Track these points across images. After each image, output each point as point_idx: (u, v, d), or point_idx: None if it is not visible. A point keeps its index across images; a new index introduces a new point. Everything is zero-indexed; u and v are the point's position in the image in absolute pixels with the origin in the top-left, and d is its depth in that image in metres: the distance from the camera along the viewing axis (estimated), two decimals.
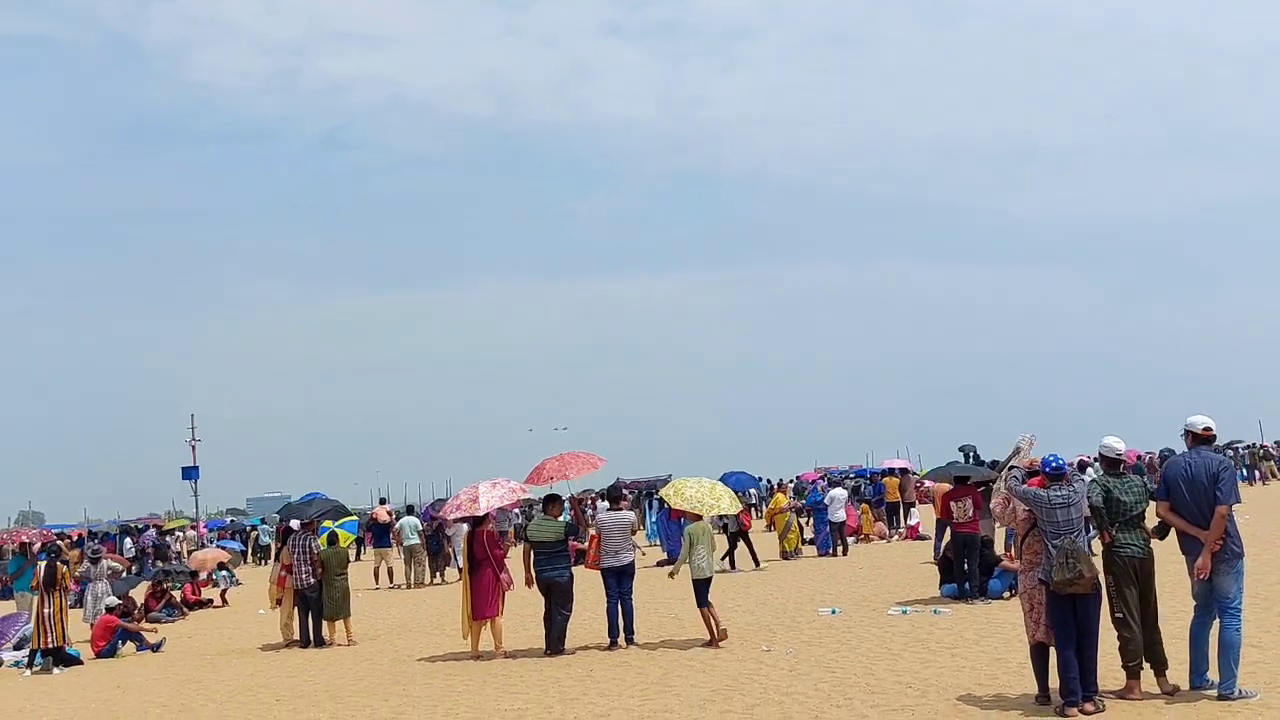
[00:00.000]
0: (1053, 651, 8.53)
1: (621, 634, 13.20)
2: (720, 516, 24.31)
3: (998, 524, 15.20)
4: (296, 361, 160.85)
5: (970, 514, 15.50)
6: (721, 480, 26.86)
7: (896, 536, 29.24)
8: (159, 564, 30.28)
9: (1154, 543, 8.71)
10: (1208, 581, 8.29)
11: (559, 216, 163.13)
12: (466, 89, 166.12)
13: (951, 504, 15.83)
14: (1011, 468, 9.22)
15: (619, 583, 13.35)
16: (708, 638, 12.80)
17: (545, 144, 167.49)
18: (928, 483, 29.75)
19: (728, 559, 22.76)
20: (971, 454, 50.69)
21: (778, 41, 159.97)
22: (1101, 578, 8.45)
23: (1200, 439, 8.58)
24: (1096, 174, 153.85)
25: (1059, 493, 8.52)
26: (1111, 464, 8.97)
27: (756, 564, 22.74)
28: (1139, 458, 40.20)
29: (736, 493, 24.15)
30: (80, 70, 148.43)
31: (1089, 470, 20.36)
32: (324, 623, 15.78)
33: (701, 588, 12.88)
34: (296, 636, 16.08)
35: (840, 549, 24.94)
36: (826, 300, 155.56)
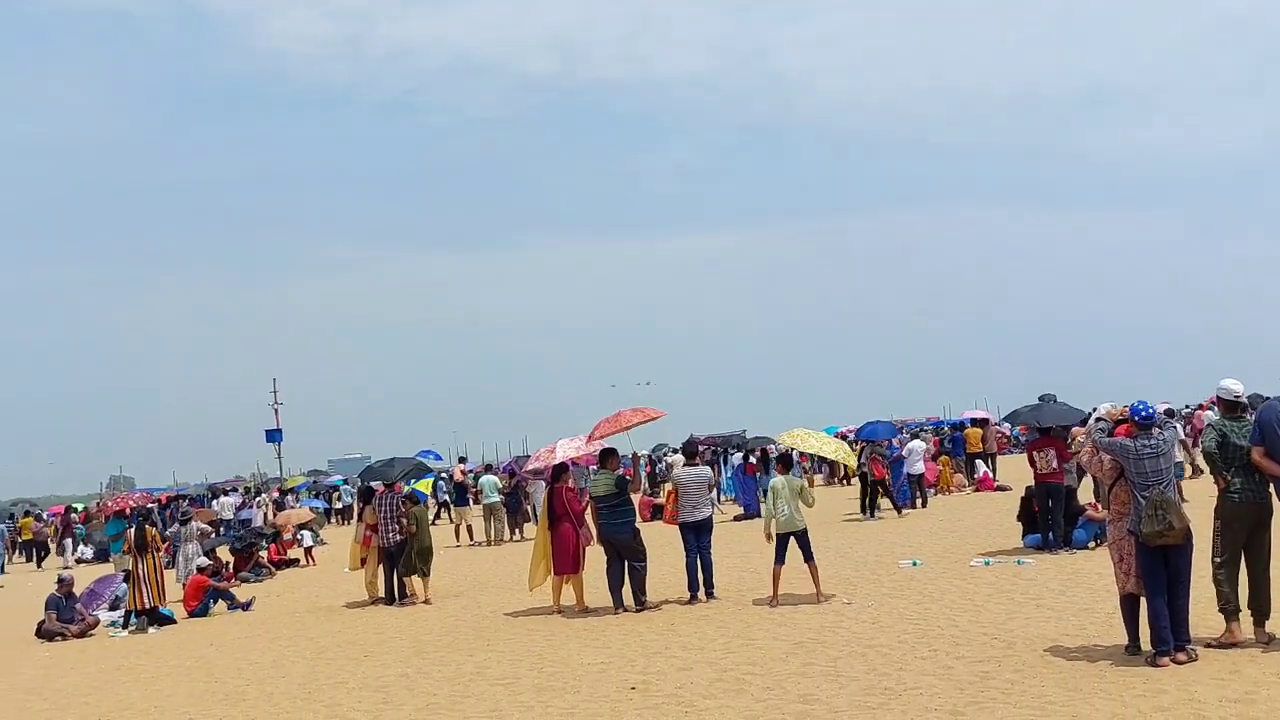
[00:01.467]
0: (1143, 601, 8.37)
1: (701, 588, 13.23)
2: (859, 465, 24.52)
3: (1086, 472, 14.95)
4: (374, 323, 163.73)
5: (1054, 465, 15.22)
6: (862, 430, 27.16)
7: (970, 487, 28.91)
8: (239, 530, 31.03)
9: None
10: None
11: (629, 173, 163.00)
12: (531, 48, 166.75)
13: (1034, 453, 15.56)
14: (1098, 419, 9.02)
15: (697, 537, 13.37)
16: (811, 590, 12.64)
17: (610, 101, 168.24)
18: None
19: (867, 509, 23.36)
20: (1053, 401, 49.78)
21: None
22: (1210, 523, 8.26)
23: None
24: (1175, 113, 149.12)
25: (1147, 442, 8.31)
26: (1230, 406, 8.68)
27: (898, 510, 23.36)
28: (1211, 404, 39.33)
29: (878, 441, 24.59)
30: (154, 41, 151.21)
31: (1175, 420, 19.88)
32: (403, 579, 16.01)
33: (785, 542, 12.70)
34: (382, 594, 16.39)
35: (920, 501, 24.74)
36: (898, 251, 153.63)
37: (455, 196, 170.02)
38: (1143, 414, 8.63)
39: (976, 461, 30.00)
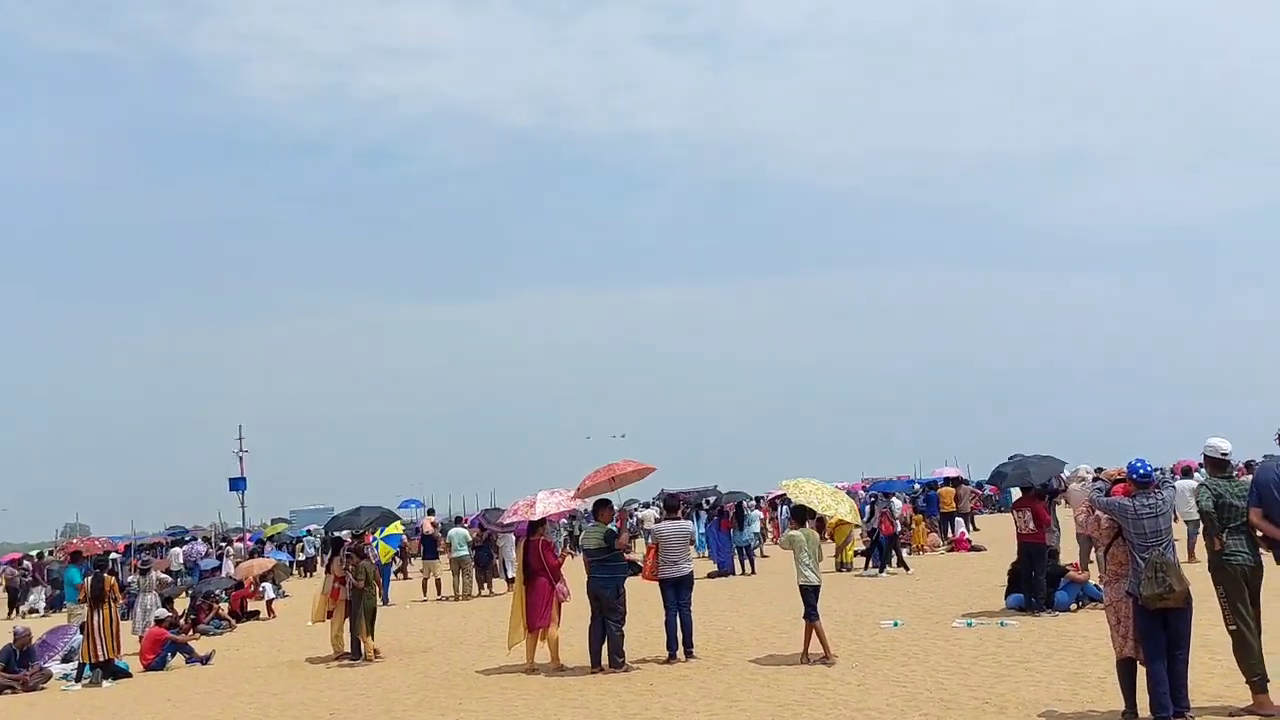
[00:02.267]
0: (1141, 666, 8.12)
1: (680, 646, 12.87)
2: (867, 521, 24.29)
3: (1079, 532, 14.73)
4: (344, 372, 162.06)
5: (1031, 525, 15.03)
6: (879, 488, 27.06)
7: (945, 546, 28.71)
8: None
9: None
10: None
11: (604, 226, 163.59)
12: (511, 101, 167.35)
13: (1014, 513, 15.38)
14: (1096, 479, 8.84)
15: (678, 594, 13.01)
16: (802, 650, 12.22)
17: (589, 154, 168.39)
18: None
19: (874, 564, 23.29)
20: (1020, 461, 49.54)
21: (820, 51, 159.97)
22: (1211, 587, 8.05)
23: None
24: (1140, 181, 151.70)
25: (1146, 502, 8.11)
26: (1218, 465, 8.51)
27: (905, 567, 23.11)
28: (1199, 466, 39.39)
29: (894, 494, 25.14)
30: (132, 87, 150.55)
31: (1196, 475, 19.71)
32: (357, 637, 15.44)
33: (810, 596, 12.25)
34: (348, 649, 15.88)
35: (897, 561, 24.46)
36: (872, 308, 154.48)
37: (432, 246, 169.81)
38: (1141, 472, 8.44)
39: (957, 520, 29.83)
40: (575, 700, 10.96)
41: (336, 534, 18.59)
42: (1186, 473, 21.83)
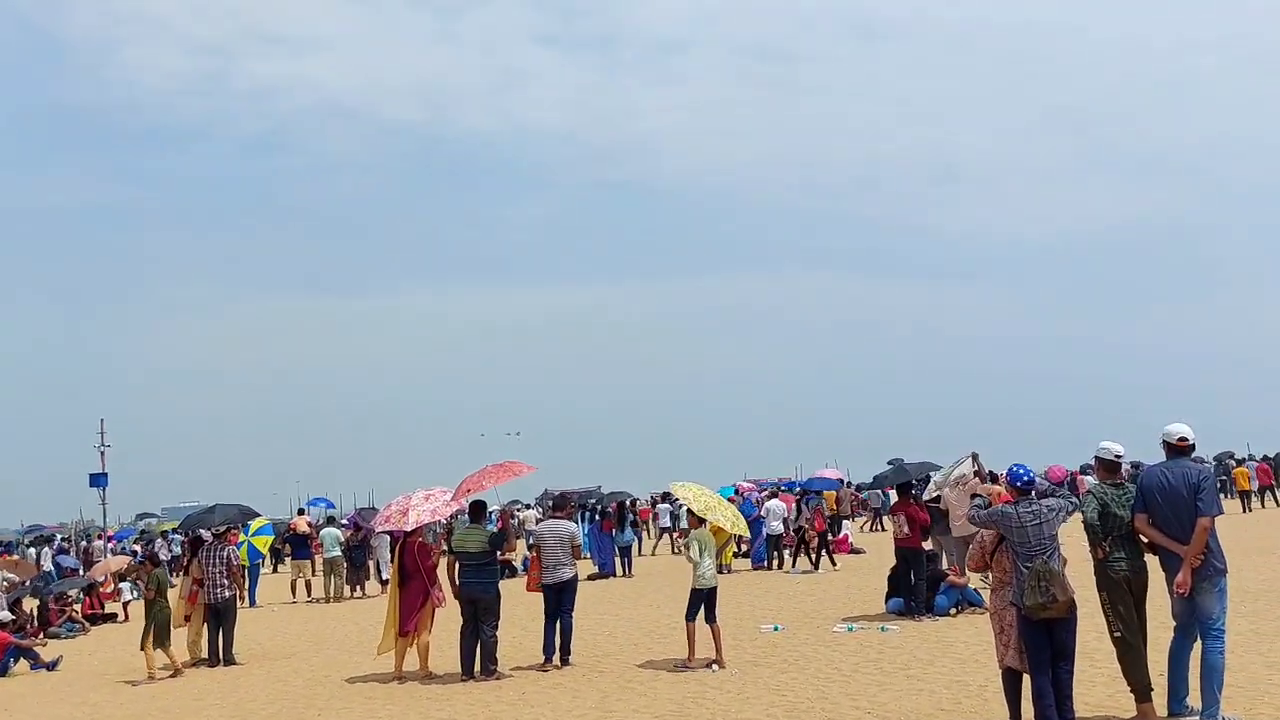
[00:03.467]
0: (1025, 677, 7.93)
1: (557, 654, 12.40)
2: (796, 519, 24.43)
3: (957, 535, 14.63)
4: (219, 367, 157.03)
5: (905, 529, 14.99)
6: (810, 482, 27.28)
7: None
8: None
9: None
10: (1188, 600, 7.74)
11: (490, 224, 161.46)
12: (397, 95, 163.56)
13: (890, 518, 15.33)
14: (974, 496, 8.64)
15: (558, 599, 12.53)
16: (711, 656, 11.76)
17: (477, 151, 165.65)
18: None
19: (810, 560, 23.46)
20: (900, 465, 50.24)
21: (708, 56, 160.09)
22: (1095, 595, 7.90)
23: (1177, 449, 8.03)
24: (1017, 193, 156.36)
25: (1028, 509, 7.91)
26: (1110, 468, 8.32)
27: (833, 564, 23.41)
28: (1064, 477, 40.33)
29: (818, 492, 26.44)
30: (2, 65, 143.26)
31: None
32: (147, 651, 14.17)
33: (703, 598, 11.89)
34: (205, 655, 15.03)
35: (776, 562, 24.41)
36: (754, 313, 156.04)
37: (312, 240, 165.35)
38: (1023, 479, 8.26)
39: (842, 521, 29.97)
40: (443, 710, 10.41)
41: (194, 533, 17.62)
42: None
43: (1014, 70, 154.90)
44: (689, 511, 12.85)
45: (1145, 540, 7.99)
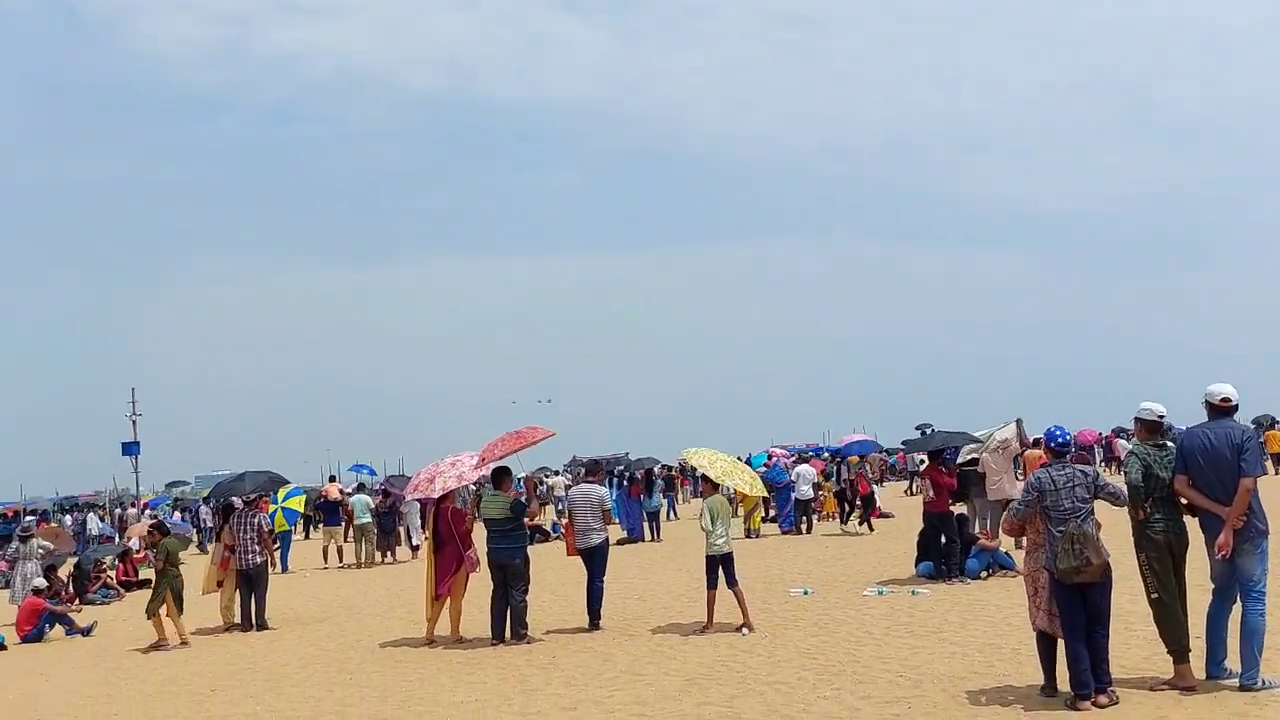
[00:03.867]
0: (1060, 640, 7.84)
1: (589, 616, 12.48)
2: (837, 478, 25.33)
3: (993, 499, 14.52)
4: (247, 338, 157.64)
5: (931, 493, 14.88)
6: (850, 447, 27.50)
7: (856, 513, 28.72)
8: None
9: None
10: (1229, 562, 7.60)
11: (516, 193, 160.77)
12: (419, 63, 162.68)
13: (920, 483, 15.24)
14: (1015, 459, 8.50)
15: (589, 564, 12.57)
16: (734, 622, 11.75)
17: (501, 119, 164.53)
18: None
19: (865, 523, 23.96)
20: (928, 431, 50.12)
21: (731, 21, 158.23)
22: (1133, 557, 7.79)
23: (1220, 410, 7.87)
24: (1048, 159, 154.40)
25: (1061, 472, 7.80)
26: (1152, 429, 8.16)
27: (870, 528, 23.55)
28: (1097, 440, 40.05)
29: (865, 457, 26.61)
30: (18, 37, 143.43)
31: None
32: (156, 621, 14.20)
33: (721, 564, 11.82)
34: (238, 620, 15.16)
35: (805, 527, 24.37)
36: (781, 278, 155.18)
37: (336, 210, 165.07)
38: (1058, 440, 8.15)
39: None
40: (473, 674, 10.42)
41: (226, 501, 17.70)
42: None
43: (1043, 34, 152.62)
44: (703, 478, 12.74)
45: (1185, 502, 7.85)
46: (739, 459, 13.83)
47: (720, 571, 11.82)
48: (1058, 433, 8.19)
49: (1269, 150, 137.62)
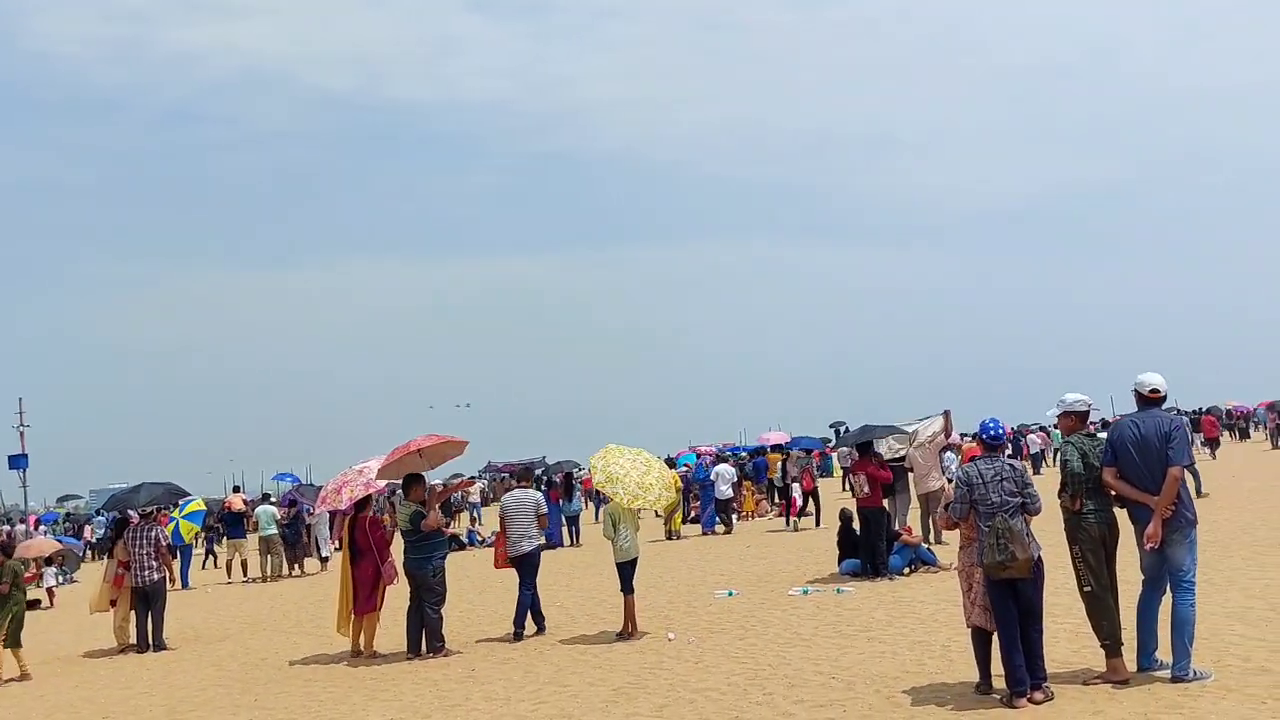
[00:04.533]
0: (995, 636, 7.64)
1: (513, 623, 12.18)
2: (782, 475, 24.68)
3: (920, 493, 14.39)
4: (145, 343, 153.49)
5: (866, 489, 14.66)
6: (792, 443, 26.91)
7: (774, 512, 28.67)
8: None
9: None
10: (1158, 553, 7.47)
11: (425, 195, 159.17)
12: (326, 62, 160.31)
13: (851, 478, 15.04)
14: (944, 451, 8.32)
15: (521, 572, 12.21)
16: (620, 627, 11.60)
17: (410, 121, 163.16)
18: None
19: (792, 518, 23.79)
20: (842, 429, 50.53)
21: (646, 23, 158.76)
22: (1067, 549, 7.63)
23: (1148, 400, 7.76)
24: (955, 159, 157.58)
25: (991, 465, 7.63)
26: (1082, 419, 8.06)
27: (817, 523, 23.09)
28: (1009, 435, 40.70)
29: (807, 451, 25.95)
30: None
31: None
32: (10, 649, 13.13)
33: (626, 570, 11.62)
34: (133, 641, 14.38)
35: (726, 527, 24.17)
36: (696, 279, 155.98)
37: (239, 213, 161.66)
38: (991, 433, 7.98)
39: (792, 485, 29.75)
40: (388, 691, 9.92)
41: (119, 514, 16.87)
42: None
43: (952, 39, 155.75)
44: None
45: (1113, 493, 7.71)
46: (663, 458, 13.43)
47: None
48: (991, 425, 8.02)
49: (1163, 147, 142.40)
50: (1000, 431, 8.04)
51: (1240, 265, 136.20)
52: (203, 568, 28.54)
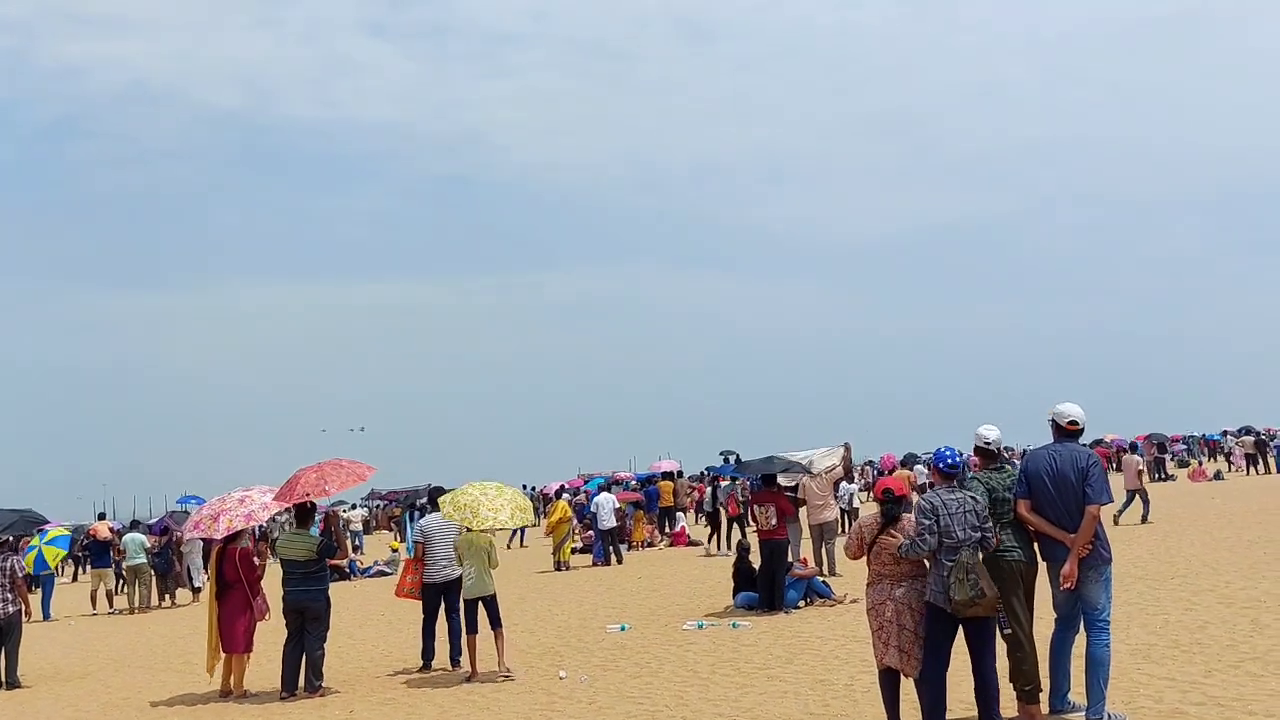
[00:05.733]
0: (905, 678, 7.35)
1: (452, 654, 11.73)
2: (712, 501, 24.50)
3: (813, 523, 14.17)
4: (16, 366, 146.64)
5: (774, 521, 14.35)
6: (721, 471, 26.24)
7: (665, 542, 28.37)
8: None
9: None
10: (1073, 591, 7.27)
11: (316, 217, 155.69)
12: (214, 80, 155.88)
13: (755, 508, 14.73)
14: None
15: (447, 598, 11.66)
16: (484, 667, 11.07)
17: (302, 142, 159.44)
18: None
19: (721, 543, 23.52)
20: (734, 459, 50.60)
21: (543, 50, 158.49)
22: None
23: (1065, 431, 7.56)
24: (843, 191, 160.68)
25: (953, 495, 7.26)
26: (988, 456, 7.81)
27: (731, 548, 21.93)
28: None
29: (733, 479, 24.86)
30: None
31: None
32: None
33: (473, 608, 11.09)
34: (2, 677, 13.31)
35: (615, 558, 23.74)
36: (586, 308, 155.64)
37: (122, 231, 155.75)
38: (948, 462, 7.58)
39: (676, 514, 29.48)
40: None
41: None
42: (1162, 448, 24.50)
43: (838, 72, 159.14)
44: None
45: (1031, 529, 7.49)
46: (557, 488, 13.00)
47: (483, 613, 11.04)
48: (948, 454, 7.60)
49: (1040, 184, 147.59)
50: (957, 460, 7.68)
51: (1121, 297, 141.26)
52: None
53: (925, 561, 7.31)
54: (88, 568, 28.22)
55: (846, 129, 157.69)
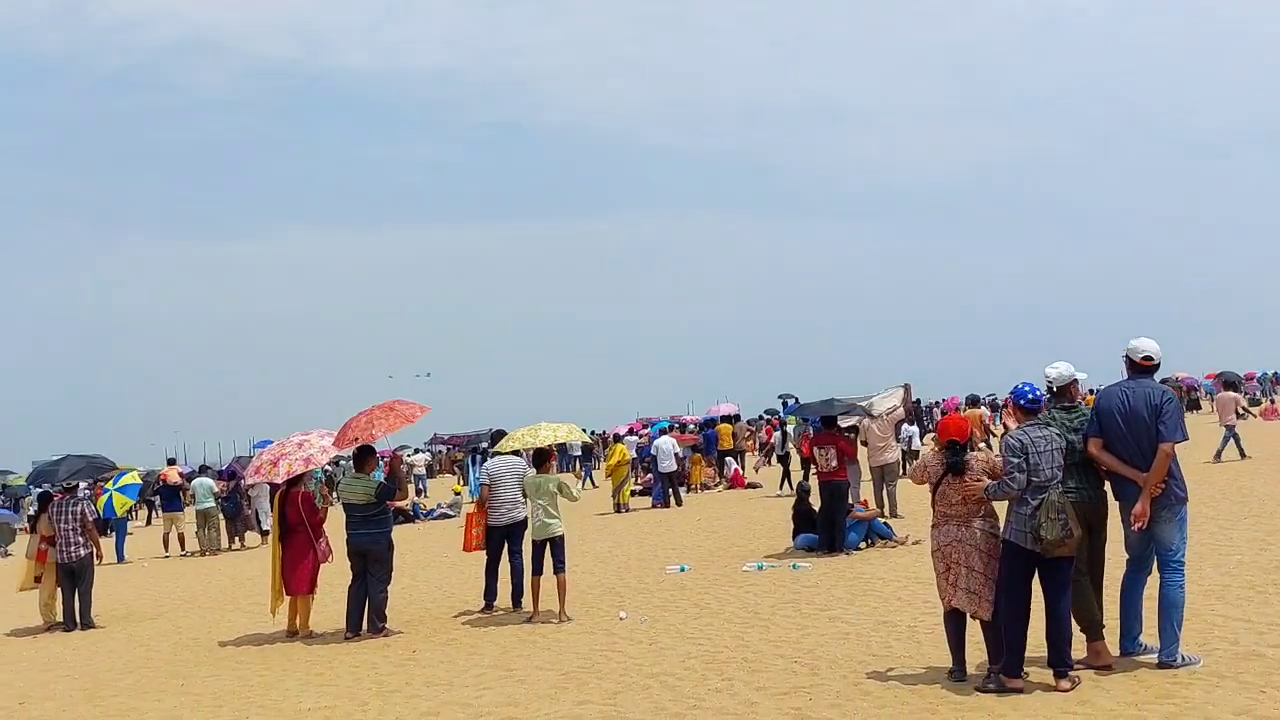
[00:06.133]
0: (972, 620, 7.21)
1: (515, 594, 11.72)
2: (782, 443, 25.17)
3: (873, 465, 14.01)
4: (88, 313, 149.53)
5: (834, 462, 14.20)
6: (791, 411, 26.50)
7: (722, 485, 28.36)
8: None
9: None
10: (1146, 531, 7.07)
11: (370, 165, 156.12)
12: (269, 30, 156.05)
13: (815, 450, 14.58)
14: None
15: (509, 541, 11.66)
16: (545, 608, 11.12)
17: (354, 90, 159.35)
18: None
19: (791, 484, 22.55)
20: (793, 402, 50.37)
21: None
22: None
23: (1139, 368, 7.31)
24: (895, 133, 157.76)
25: (1041, 433, 7.06)
26: (1061, 394, 7.61)
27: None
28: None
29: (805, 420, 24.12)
30: None
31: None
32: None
33: (542, 549, 11.15)
34: (59, 619, 13.67)
35: (675, 500, 23.75)
36: (642, 252, 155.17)
37: (179, 182, 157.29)
38: (1029, 397, 7.33)
39: (727, 459, 29.41)
40: (323, 675, 9.33)
41: (42, 489, 16.06)
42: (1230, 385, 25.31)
43: (889, 12, 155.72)
44: (534, 455, 12.21)
45: (1102, 470, 7.27)
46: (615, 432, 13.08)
47: (548, 555, 11.08)
48: (1027, 389, 7.35)
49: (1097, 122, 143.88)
50: (1039, 395, 7.43)
51: (1197, 233, 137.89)
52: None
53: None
54: (159, 512, 28.77)
55: (903, 70, 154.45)
